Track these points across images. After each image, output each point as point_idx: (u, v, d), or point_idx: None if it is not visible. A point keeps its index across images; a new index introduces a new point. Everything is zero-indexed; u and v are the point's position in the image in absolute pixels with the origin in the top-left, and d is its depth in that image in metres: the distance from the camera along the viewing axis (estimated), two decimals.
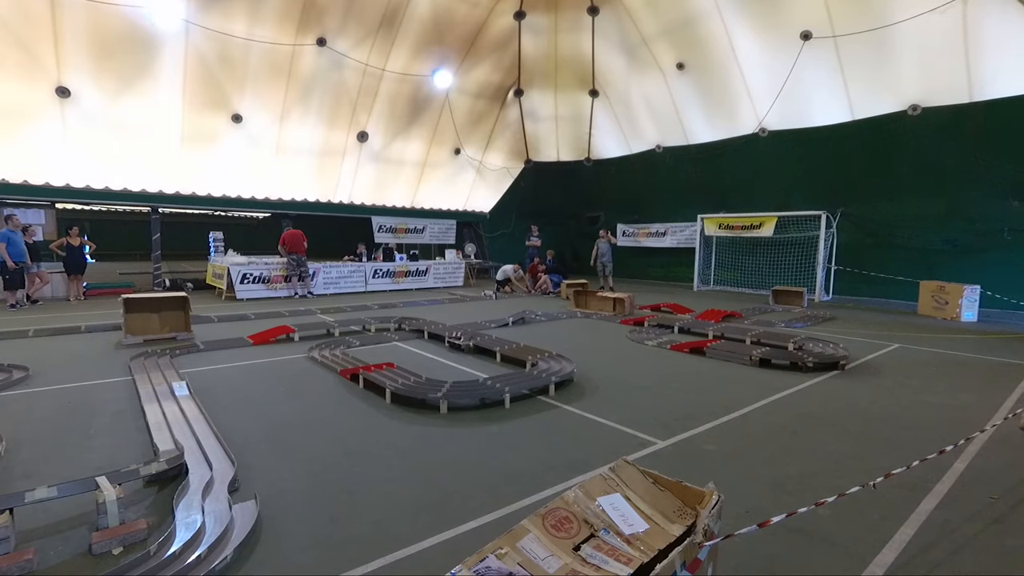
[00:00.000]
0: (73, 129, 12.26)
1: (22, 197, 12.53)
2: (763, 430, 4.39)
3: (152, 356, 6.60)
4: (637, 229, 18.41)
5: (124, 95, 12.49)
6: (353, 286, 14.72)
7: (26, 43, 11.19)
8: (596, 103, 18.37)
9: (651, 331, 8.72)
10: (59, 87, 11.77)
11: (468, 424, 4.47)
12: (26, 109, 11.69)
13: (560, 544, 1.84)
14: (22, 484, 3.26)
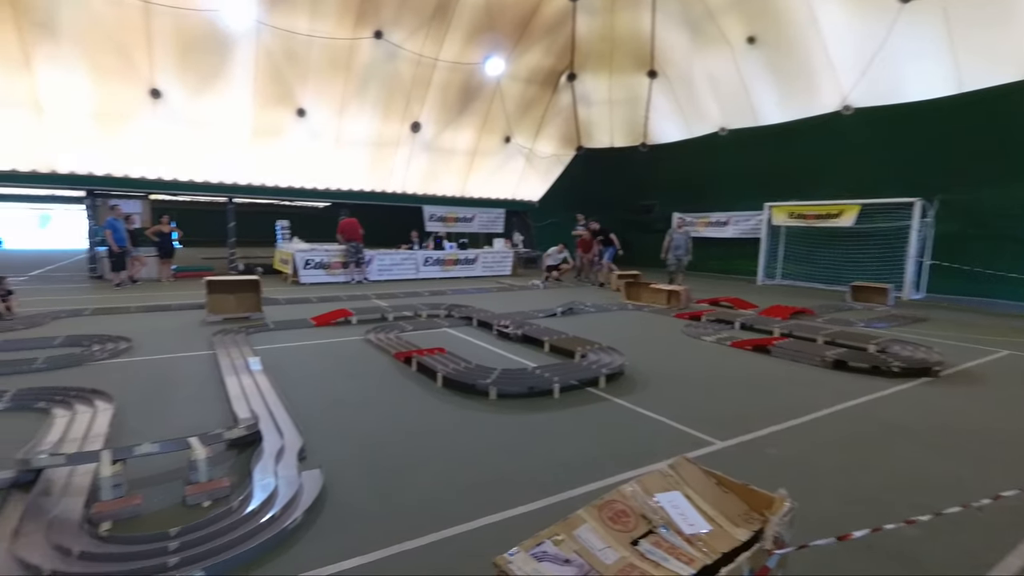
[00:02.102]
0: (163, 126, 13.30)
1: (123, 189, 13.74)
2: (835, 437, 4.15)
3: (230, 333, 7.20)
4: (695, 218, 17.61)
5: (204, 94, 13.40)
6: (405, 273, 15.21)
7: (125, 50, 12.21)
8: (654, 85, 17.78)
9: (709, 326, 8.49)
10: (152, 89, 12.79)
11: (516, 412, 4.62)
12: (125, 110, 12.86)
13: (617, 537, 1.86)
14: (130, 440, 3.70)
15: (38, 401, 4.47)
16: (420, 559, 2.60)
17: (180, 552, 2.49)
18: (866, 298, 11.50)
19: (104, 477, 2.93)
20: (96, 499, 2.92)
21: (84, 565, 2.40)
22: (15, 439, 3.69)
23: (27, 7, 11.17)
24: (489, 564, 2.43)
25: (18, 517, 2.73)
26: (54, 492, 2.99)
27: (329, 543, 2.71)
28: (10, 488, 3.04)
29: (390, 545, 2.69)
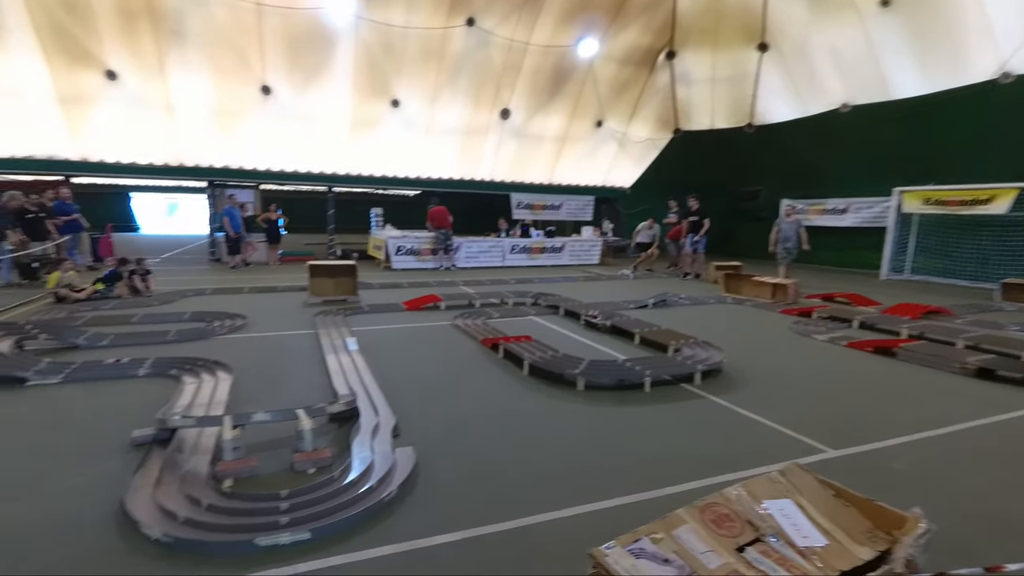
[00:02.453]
0: (272, 121, 14.36)
1: (237, 180, 15.03)
2: (978, 455, 3.71)
3: (329, 314, 7.68)
4: (808, 205, 16.21)
5: (308, 89, 14.29)
6: (492, 260, 15.42)
7: (241, 51, 13.27)
8: (764, 59, 16.48)
9: (821, 324, 7.83)
10: (263, 86, 13.82)
11: (605, 404, 4.56)
12: (240, 107, 14.04)
13: (721, 541, 1.79)
14: (246, 407, 4.06)
15: (171, 369, 5.01)
16: (509, 542, 2.65)
17: (290, 512, 2.70)
18: (1020, 298, 10.03)
19: (226, 440, 3.24)
20: (220, 458, 3.24)
21: (211, 515, 2.67)
22: (154, 401, 4.16)
23: (162, 17, 12.37)
24: (578, 553, 2.43)
25: (158, 469, 3.08)
26: (186, 450, 3.34)
27: (421, 518, 2.83)
28: (152, 443, 3.45)
29: (480, 525, 2.76)
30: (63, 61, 12.30)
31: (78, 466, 3.26)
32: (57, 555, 2.46)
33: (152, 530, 2.55)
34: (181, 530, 2.56)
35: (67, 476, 3.14)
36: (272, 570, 2.39)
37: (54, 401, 4.33)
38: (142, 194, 28.29)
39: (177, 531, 2.55)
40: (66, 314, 7.35)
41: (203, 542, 2.51)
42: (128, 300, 8.70)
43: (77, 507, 2.82)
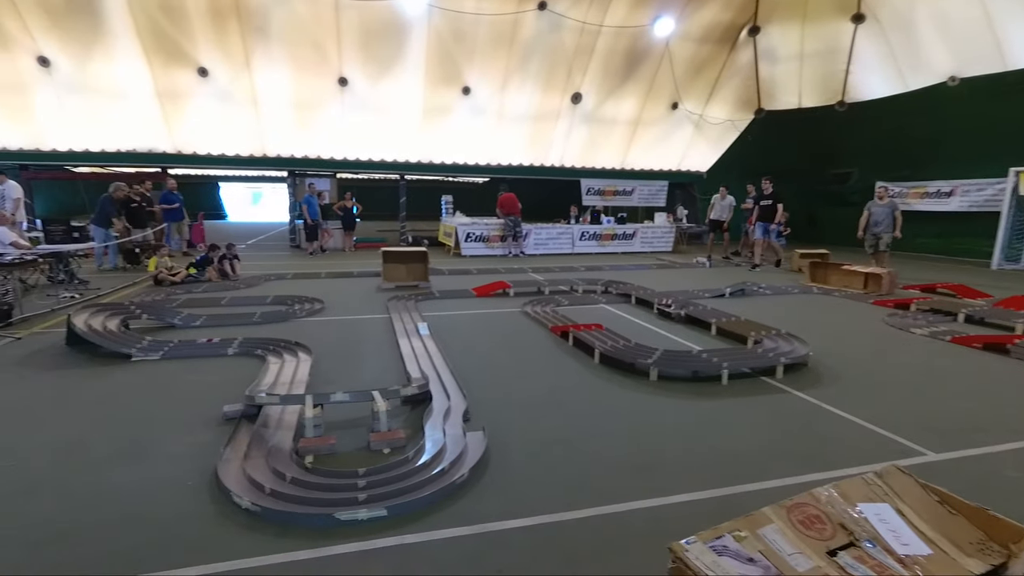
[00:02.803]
0: (348, 112, 14.84)
1: (315, 169, 15.73)
2: None
3: (402, 299, 7.87)
4: (907, 188, 15.04)
5: (382, 79, 14.62)
6: (561, 247, 15.31)
7: (319, 44, 13.76)
8: (860, 31, 15.21)
9: (921, 317, 7.27)
10: (340, 78, 14.29)
11: (679, 395, 4.42)
12: (318, 99, 14.58)
13: (810, 544, 1.71)
14: (326, 388, 4.24)
15: (257, 349, 5.30)
16: (581, 531, 2.61)
17: (367, 490, 2.77)
18: None
19: (308, 418, 3.37)
20: (301, 435, 3.38)
21: (294, 489, 2.79)
22: (242, 379, 4.42)
23: (248, 15, 13.00)
24: (654, 546, 2.38)
25: (247, 442, 3.26)
26: (271, 425, 3.52)
27: (492, 502, 2.83)
28: (240, 418, 3.66)
29: (550, 512, 2.73)
30: (161, 60, 13.20)
31: (177, 435, 3.50)
32: (159, 515, 2.65)
33: (242, 499, 2.69)
34: (267, 501, 2.69)
35: (168, 444, 3.39)
36: (352, 544, 2.46)
37: (155, 376, 4.68)
38: (229, 184, 30.13)
39: (264, 501, 2.68)
40: (164, 296, 7.96)
41: (288, 513, 2.63)
42: (217, 284, 9.30)
43: (176, 473, 3.04)
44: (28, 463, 3.14)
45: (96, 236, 10.55)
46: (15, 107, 13.19)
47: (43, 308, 7.00)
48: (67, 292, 7.93)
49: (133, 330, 5.95)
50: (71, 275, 8.59)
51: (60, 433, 3.54)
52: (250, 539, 2.48)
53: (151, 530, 2.54)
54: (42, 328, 6.17)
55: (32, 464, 3.13)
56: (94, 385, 4.44)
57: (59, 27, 12.31)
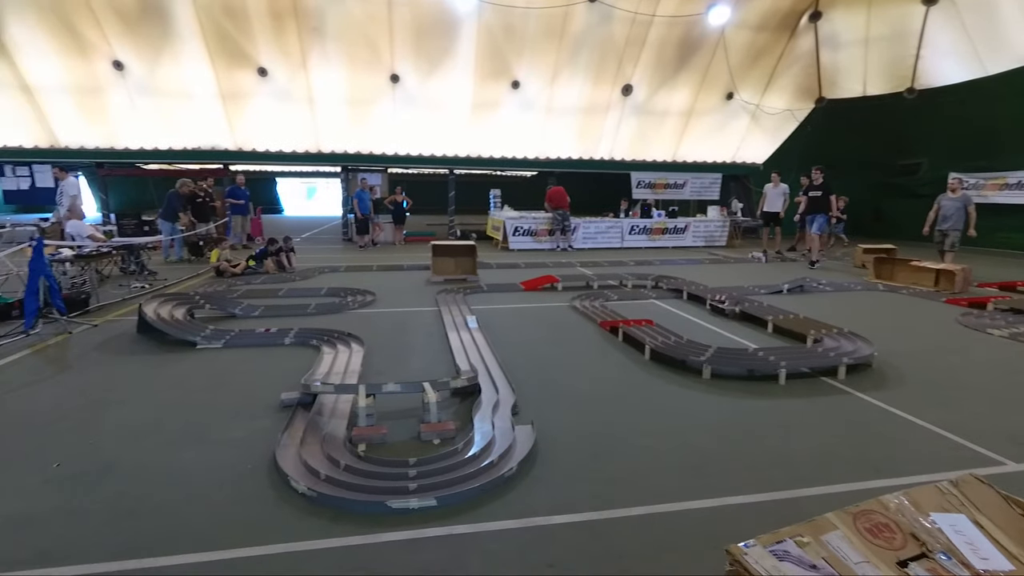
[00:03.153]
0: (399, 108, 15.10)
1: (367, 164, 16.08)
2: None
3: (451, 292, 7.96)
4: (984, 180, 14.07)
5: (432, 75, 14.79)
6: (609, 241, 15.13)
7: (372, 42, 14.04)
8: (932, 13, 14.27)
9: (999, 317, 6.79)
10: (392, 74, 14.54)
11: (733, 394, 4.28)
12: (370, 96, 14.90)
13: (878, 553, 1.63)
14: (377, 378, 4.34)
15: (312, 339, 5.46)
16: (631, 529, 2.56)
17: (418, 479, 2.81)
18: None
19: (361, 407, 3.45)
20: (354, 424, 3.46)
21: (348, 475, 2.86)
22: (298, 367, 4.56)
23: (305, 15, 13.38)
24: (708, 548, 2.32)
25: (303, 429, 3.36)
26: (325, 413, 3.62)
27: (541, 496, 2.82)
28: (296, 406, 3.77)
29: (601, 509, 2.70)
30: (224, 62, 13.78)
31: (238, 421, 3.65)
32: (221, 495, 2.77)
33: (298, 484, 2.78)
34: (322, 486, 2.77)
35: (230, 428, 3.54)
36: (404, 532, 2.50)
37: (218, 363, 4.90)
38: (285, 179, 31.21)
39: (319, 487, 2.76)
40: (225, 287, 8.33)
41: (342, 499, 2.69)
42: (274, 275, 9.66)
43: (238, 456, 3.17)
44: (102, 442, 3.34)
45: (164, 229, 11.15)
46: (92, 109, 14.09)
47: (116, 297, 7.47)
48: (138, 282, 8.43)
49: (197, 319, 6.25)
50: (141, 266, 9.13)
51: (133, 415, 3.75)
52: (307, 523, 2.56)
53: (215, 510, 2.65)
54: (116, 316, 6.56)
55: (105, 444, 3.33)
56: (163, 371, 4.69)
57: (132, 32, 13.03)
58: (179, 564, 2.27)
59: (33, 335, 5.54)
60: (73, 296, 6.67)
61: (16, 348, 5.19)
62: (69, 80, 13.49)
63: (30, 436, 3.40)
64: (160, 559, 2.29)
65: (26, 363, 4.84)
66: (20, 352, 5.09)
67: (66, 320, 5.94)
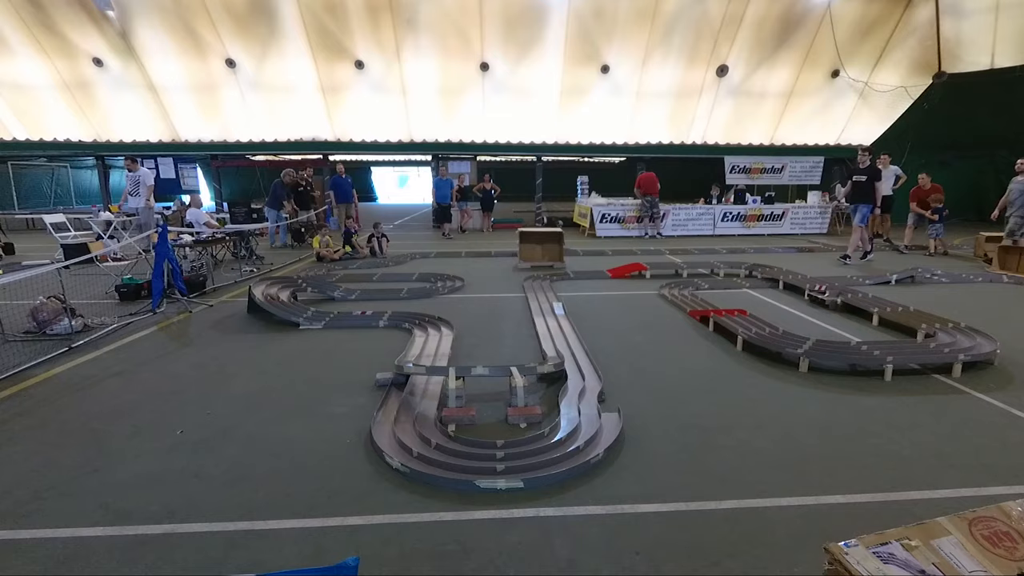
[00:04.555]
0: (488, 96, 15.32)
1: (456, 153, 16.49)
2: None
3: (537, 279, 8.03)
4: None
5: (521, 62, 14.85)
6: (701, 229, 14.60)
7: (463, 32, 14.31)
8: None
9: None
10: (481, 63, 14.73)
11: (833, 389, 4.06)
12: (460, 85, 15.23)
13: (997, 562, 1.55)
14: (466, 362, 4.49)
15: (404, 322, 5.72)
16: (723, 523, 2.51)
17: (505, 461, 2.89)
18: None
19: (450, 389, 3.59)
20: (445, 405, 3.61)
21: (438, 454, 3.00)
22: (391, 349, 4.82)
23: (399, 7, 13.83)
24: (805, 547, 2.25)
25: (396, 408, 3.55)
26: (417, 394, 3.80)
27: (627, 484, 2.82)
28: (390, 386, 3.98)
29: (690, 500, 2.67)
30: (324, 56, 14.57)
31: (337, 397, 3.91)
32: (323, 466, 3.00)
33: (393, 460, 2.94)
34: (415, 463, 2.92)
35: (330, 404, 3.80)
36: (492, 511, 2.60)
37: (319, 343, 5.25)
38: (379, 168, 32.57)
39: (412, 463, 2.91)
40: (324, 271, 8.87)
41: (433, 476, 2.83)
42: (369, 261, 10.15)
43: (338, 431, 3.40)
44: (219, 411, 3.69)
45: (269, 217, 12.02)
46: (207, 105, 15.41)
47: (229, 280, 8.17)
48: (247, 266, 9.17)
49: (300, 301, 6.71)
50: (250, 251, 9.92)
51: (245, 388, 4.12)
52: (401, 497, 2.72)
53: (318, 479, 2.87)
54: (229, 297, 7.19)
55: (222, 412, 3.68)
56: (270, 349, 5.09)
57: (243, 31, 14.07)
58: (287, 528, 2.47)
59: (159, 313, 6.20)
60: (192, 278, 7.36)
61: (145, 325, 5.82)
62: (188, 79, 14.82)
63: (158, 405, 3.82)
64: (270, 522, 2.51)
65: (154, 339, 5.42)
66: (148, 328, 5.71)
67: (186, 300, 6.58)
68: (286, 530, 2.45)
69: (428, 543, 2.37)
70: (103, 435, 3.35)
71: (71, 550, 2.31)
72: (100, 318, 5.90)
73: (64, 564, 2.22)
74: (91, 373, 4.43)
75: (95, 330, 5.50)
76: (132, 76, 14.68)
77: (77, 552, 2.30)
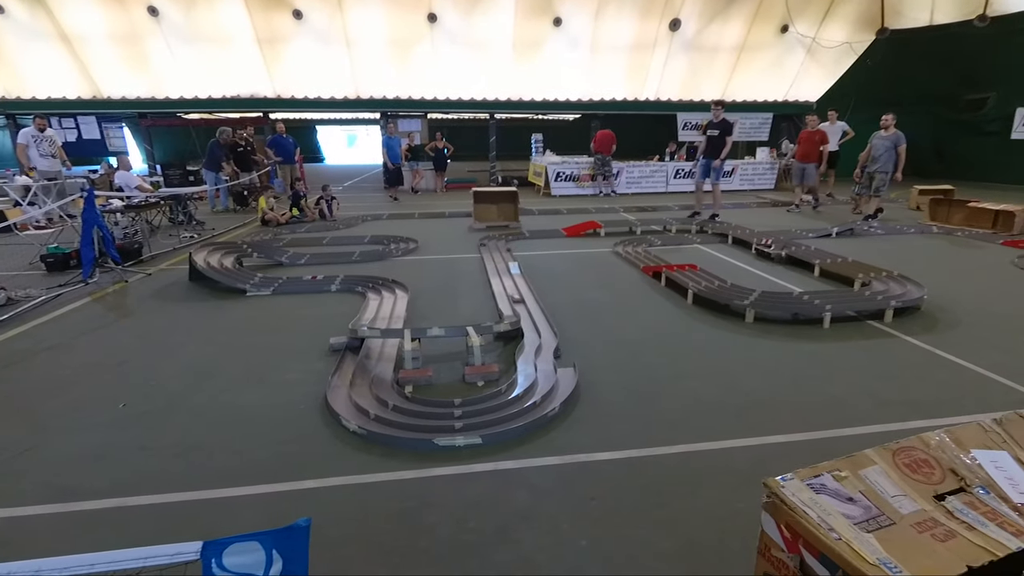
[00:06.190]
0: (438, 50, 14.69)
1: (407, 110, 15.88)
2: None
3: (493, 239, 7.97)
4: None
5: (472, 13, 14.23)
6: (654, 186, 14.72)
7: None
8: None
9: None
10: (429, 13, 14.08)
11: (777, 338, 4.25)
12: (408, 37, 14.47)
13: (916, 487, 1.66)
14: (423, 323, 4.45)
15: (357, 286, 5.61)
16: (671, 466, 2.63)
17: (463, 419, 2.92)
18: None
19: (407, 350, 3.57)
20: (401, 367, 3.59)
21: (396, 415, 3.00)
22: (345, 313, 4.72)
23: None
24: (745, 483, 2.38)
25: (351, 372, 3.51)
26: (373, 357, 3.75)
27: (583, 435, 2.91)
28: (345, 350, 3.92)
29: (642, 447, 2.78)
30: (259, 4, 13.57)
31: (289, 364, 3.82)
32: (279, 434, 2.95)
33: (350, 423, 2.92)
34: (373, 425, 2.91)
35: (283, 371, 3.71)
36: (451, 467, 2.63)
37: (268, 309, 5.10)
38: (326, 127, 31.22)
39: (369, 426, 2.90)
40: (271, 236, 8.56)
41: (391, 437, 2.83)
42: (318, 224, 9.84)
43: (292, 397, 3.34)
44: (165, 382, 3.56)
45: (208, 179, 11.38)
46: (131, 58, 14.04)
47: (168, 247, 7.77)
48: (187, 232, 8.72)
49: (246, 267, 6.46)
50: (189, 216, 9.40)
51: (192, 358, 3.96)
52: (360, 459, 2.71)
53: (274, 446, 2.83)
54: (168, 265, 6.85)
55: (169, 383, 3.55)
56: (216, 317, 4.91)
57: None
58: (244, 495, 2.45)
59: (92, 284, 5.82)
60: (126, 246, 6.91)
61: (77, 296, 5.47)
62: (107, 28, 13.46)
63: (97, 378, 3.64)
64: (226, 490, 2.47)
65: (88, 310, 5.13)
66: (81, 300, 5.38)
67: (121, 269, 6.23)
68: (242, 497, 2.43)
69: (388, 500, 2.39)
70: (40, 411, 3.19)
71: (8, 531, 2.22)
72: (25, 290, 5.53)
73: (2, 546, 2.13)
74: (21, 347, 4.18)
75: (20, 303, 5.15)
76: (41, 24, 13.26)
77: (15, 531, 2.21)
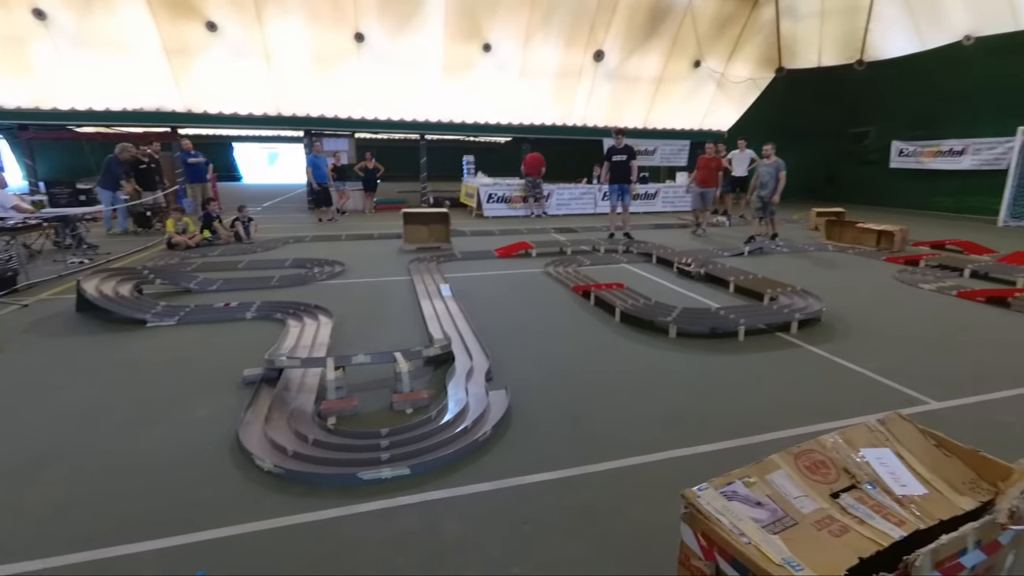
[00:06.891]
0: (366, 68, 14.43)
1: (333, 128, 15.41)
2: None
3: (423, 261, 7.84)
4: (920, 147, 14.90)
5: (400, 35, 14.13)
6: (583, 208, 15.12)
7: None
8: None
9: (929, 272, 7.38)
10: (356, 33, 13.86)
11: (697, 351, 4.43)
12: (334, 55, 14.09)
13: (815, 487, 1.80)
14: (347, 350, 4.26)
15: (276, 312, 5.31)
16: (602, 483, 2.65)
17: (390, 449, 2.80)
18: None
19: (329, 380, 3.38)
20: (324, 397, 3.39)
21: (317, 450, 2.82)
22: (261, 343, 4.44)
23: None
24: (671, 495, 2.36)
25: (267, 406, 3.27)
26: (292, 388, 3.54)
27: (516, 457, 2.87)
28: (260, 382, 3.64)
29: (574, 466, 2.78)
30: (167, 14, 12.77)
31: (195, 401, 3.50)
32: (180, 479, 2.68)
33: (264, 462, 2.71)
34: (290, 463, 2.71)
35: (186, 409, 3.38)
36: (377, 502, 2.50)
37: (172, 342, 4.65)
38: (244, 144, 29.76)
39: (287, 463, 2.70)
40: (178, 260, 7.92)
41: (311, 474, 2.65)
42: (233, 247, 9.24)
43: (198, 437, 3.05)
44: (38, 431, 3.12)
45: (103, 199, 10.35)
46: (11, 62, 12.64)
47: (50, 274, 6.87)
48: (75, 257, 7.82)
49: (147, 295, 5.95)
50: (79, 239, 8.45)
51: (73, 400, 3.51)
52: (275, 500, 2.51)
53: (174, 493, 2.55)
54: (50, 295, 6.09)
55: (42, 432, 3.10)
56: (107, 352, 4.39)
57: None
58: (136, 552, 2.17)
59: None
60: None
61: None
62: None
63: None
64: (113, 549, 2.19)
65: None
66: None
67: None
68: (138, 554, 2.16)
69: (306, 544, 2.22)
70: None
71: None
72: None
73: None
74: None
75: None
76: None
77: None
